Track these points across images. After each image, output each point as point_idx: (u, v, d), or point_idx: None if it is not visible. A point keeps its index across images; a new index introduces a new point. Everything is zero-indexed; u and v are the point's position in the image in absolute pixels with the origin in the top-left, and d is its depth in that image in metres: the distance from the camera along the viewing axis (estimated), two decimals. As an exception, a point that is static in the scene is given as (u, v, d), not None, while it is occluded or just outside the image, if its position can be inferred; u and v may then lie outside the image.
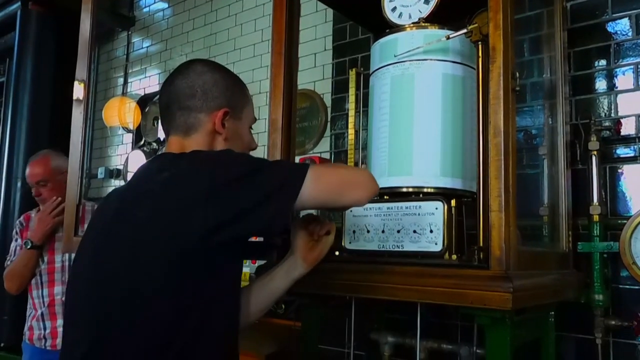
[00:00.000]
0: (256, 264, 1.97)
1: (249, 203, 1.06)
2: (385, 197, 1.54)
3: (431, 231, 1.35)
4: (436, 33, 1.50)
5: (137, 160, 3.51)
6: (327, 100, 2.75)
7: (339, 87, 2.61)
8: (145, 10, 4.09)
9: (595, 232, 1.76)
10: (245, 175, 1.08)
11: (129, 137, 3.90)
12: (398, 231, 1.41)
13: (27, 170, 2.62)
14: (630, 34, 1.88)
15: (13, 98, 3.85)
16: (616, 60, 1.89)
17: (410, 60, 1.51)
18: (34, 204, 2.75)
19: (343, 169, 1.29)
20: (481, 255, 1.25)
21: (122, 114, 3.78)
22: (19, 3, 3.94)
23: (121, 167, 3.84)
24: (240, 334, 1.26)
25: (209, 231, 1.04)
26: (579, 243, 1.78)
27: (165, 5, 3.92)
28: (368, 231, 1.47)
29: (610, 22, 1.91)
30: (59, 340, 2.50)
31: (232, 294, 1.18)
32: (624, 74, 1.88)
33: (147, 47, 4.03)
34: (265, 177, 1.10)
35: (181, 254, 1.04)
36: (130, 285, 1.07)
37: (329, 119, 2.73)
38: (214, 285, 1.10)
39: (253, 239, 1.70)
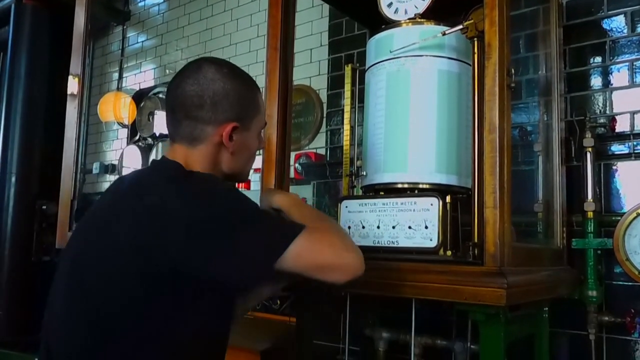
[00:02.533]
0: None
1: (225, 254, 1.03)
2: (380, 193, 1.54)
3: (426, 227, 1.36)
4: (432, 29, 1.50)
5: (132, 155, 3.50)
6: (323, 96, 2.74)
7: (335, 83, 2.61)
8: (140, 4, 4.07)
9: (589, 228, 1.77)
10: (233, 225, 1.04)
11: (124, 132, 3.89)
12: (393, 227, 1.41)
13: None
14: (625, 31, 1.88)
15: (7, 93, 3.83)
16: (611, 58, 1.90)
17: (406, 56, 1.51)
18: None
19: (330, 249, 1.09)
20: (476, 252, 1.25)
21: (117, 109, 3.77)
22: (13, -3, 3.91)
23: (116, 163, 3.83)
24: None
25: (175, 268, 1.01)
26: (573, 239, 1.78)
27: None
28: (363, 227, 1.47)
29: (606, 19, 1.92)
30: None
31: (210, 335, 1.13)
32: (618, 71, 1.88)
33: (143, 41, 4.01)
34: (250, 229, 1.06)
35: (150, 283, 1.02)
36: (101, 299, 1.06)
37: (324, 115, 2.73)
38: (184, 324, 1.07)
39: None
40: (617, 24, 1.90)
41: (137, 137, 3.53)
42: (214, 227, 1.03)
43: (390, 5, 1.61)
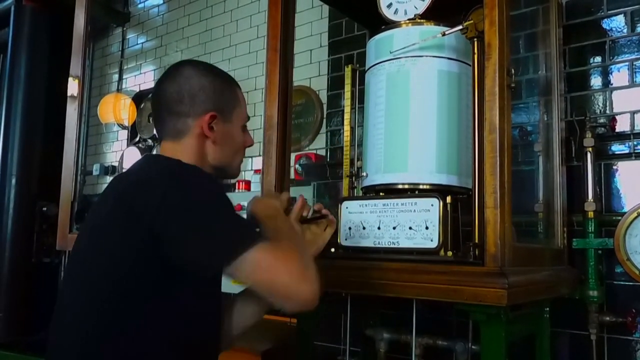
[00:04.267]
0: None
1: (186, 231, 1.05)
2: (381, 193, 1.54)
3: (427, 228, 1.35)
4: (432, 29, 1.50)
5: (132, 156, 3.50)
6: (323, 96, 2.74)
7: (335, 84, 2.61)
8: (140, 6, 4.07)
9: (589, 228, 1.77)
10: (202, 210, 1.06)
11: (124, 134, 3.89)
12: (394, 228, 1.41)
13: None
14: (625, 30, 1.88)
15: (7, 94, 3.83)
16: (611, 57, 1.90)
17: (405, 57, 1.51)
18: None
19: (288, 273, 1.04)
20: (476, 252, 1.25)
21: (117, 110, 3.77)
22: (13, -2, 3.91)
23: (116, 164, 3.83)
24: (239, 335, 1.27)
25: (145, 244, 1.04)
26: (574, 239, 1.78)
27: (160, 1, 3.90)
28: (364, 228, 1.47)
29: (605, 19, 1.92)
30: None
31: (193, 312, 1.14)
32: (618, 71, 1.88)
33: (142, 43, 4.02)
34: (215, 220, 1.07)
35: (134, 253, 1.06)
36: (94, 286, 1.09)
37: (324, 116, 2.73)
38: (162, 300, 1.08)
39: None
40: (616, 23, 1.90)
41: (137, 139, 3.53)
42: (185, 206, 1.05)
43: (390, 5, 1.62)
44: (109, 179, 3.92)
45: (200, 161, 1.24)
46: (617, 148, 1.84)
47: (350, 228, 1.49)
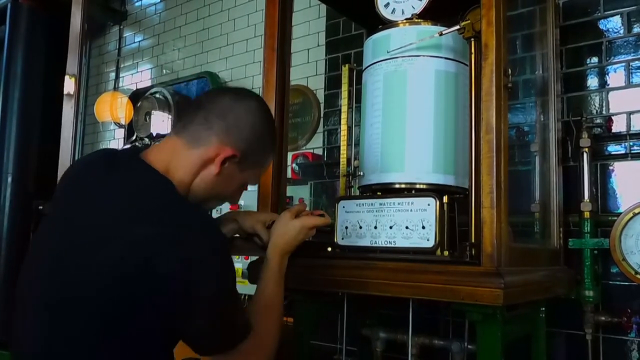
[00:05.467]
0: (248, 260, 1.96)
1: (203, 320, 1.08)
2: (377, 193, 1.54)
3: (423, 227, 1.36)
4: (429, 29, 1.50)
5: (129, 155, 3.48)
6: (320, 96, 2.74)
7: (332, 83, 2.61)
8: (137, 4, 4.06)
9: (586, 228, 1.78)
10: (216, 295, 1.08)
11: (120, 132, 3.88)
12: (390, 227, 1.41)
13: None
14: (621, 31, 1.89)
15: (3, 92, 3.82)
16: (608, 58, 1.90)
17: (403, 57, 1.51)
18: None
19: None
20: (473, 252, 1.25)
21: (113, 109, 3.76)
22: (9, -4, 3.90)
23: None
24: None
25: (155, 306, 1.03)
26: (570, 239, 1.79)
27: (158, -1, 3.90)
28: (360, 227, 1.47)
29: (602, 20, 1.92)
30: None
31: None
32: (615, 72, 1.89)
33: (139, 41, 4.01)
34: (225, 309, 1.12)
35: (128, 312, 1.03)
36: (78, 320, 1.05)
37: (321, 115, 2.73)
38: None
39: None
40: (613, 24, 1.90)
41: (133, 137, 3.52)
42: (203, 283, 1.05)
43: (387, 5, 1.61)
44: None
45: (192, 179, 1.19)
46: (614, 148, 1.84)
47: (347, 227, 1.49)
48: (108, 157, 1.21)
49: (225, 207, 1.81)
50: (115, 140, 4.00)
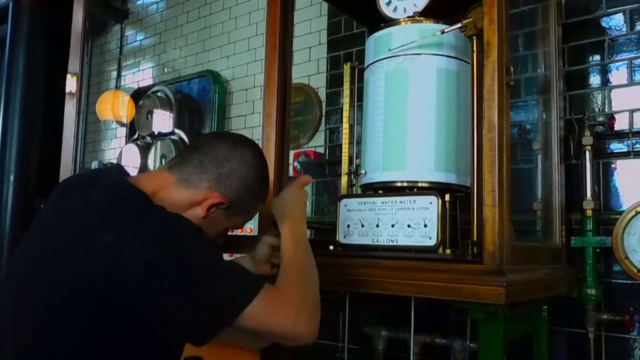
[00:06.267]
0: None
1: (176, 306, 1.01)
2: (379, 191, 1.54)
3: (425, 226, 1.36)
4: (431, 27, 1.50)
5: (130, 154, 3.49)
6: (322, 94, 2.74)
7: (334, 81, 2.61)
8: (138, 3, 4.06)
9: (588, 226, 1.77)
10: (193, 277, 1.02)
11: (122, 131, 3.89)
12: (392, 225, 1.41)
13: None
14: (624, 29, 1.88)
15: (5, 91, 3.83)
16: (610, 56, 1.90)
17: (404, 55, 1.51)
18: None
19: (284, 317, 1.08)
20: (475, 250, 1.25)
21: (115, 107, 3.76)
22: (11, -5, 3.91)
23: (115, 161, 3.82)
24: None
25: (131, 314, 1.00)
26: (572, 238, 1.78)
27: (159, -2, 3.90)
28: (362, 225, 1.47)
29: (605, 18, 1.92)
30: None
31: None
32: (617, 69, 1.88)
33: (141, 40, 4.01)
34: (210, 285, 1.03)
35: (102, 323, 1.01)
36: (48, 334, 1.03)
37: (323, 113, 2.72)
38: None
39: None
40: (616, 22, 1.90)
41: (135, 136, 3.52)
42: (172, 276, 1.01)
43: (389, 3, 1.61)
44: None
45: (175, 211, 1.16)
46: (616, 146, 1.84)
47: (348, 226, 1.49)
48: (93, 174, 1.24)
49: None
50: (117, 139, 4.00)
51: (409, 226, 1.38)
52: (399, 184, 1.50)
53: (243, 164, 1.23)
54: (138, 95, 3.61)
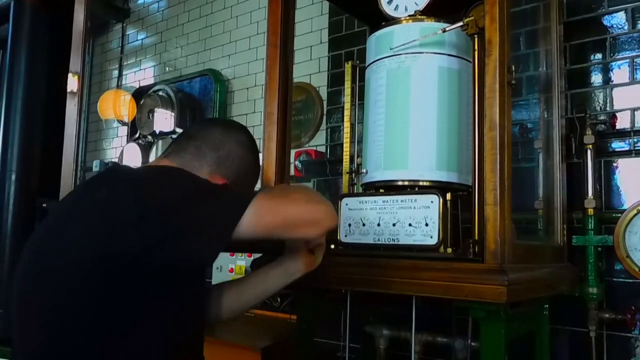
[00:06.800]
0: (251, 257, 1.96)
1: (177, 231, 1.00)
2: (380, 190, 1.54)
3: (426, 224, 1.35)
4: (432, 26, 1.50)
5: (132, 153, 3.50)
6: (323, 93, 2.74)
7: (335, 80, 2.61)
8: (140, 2, 4.06)
9: (589, 225, 1.77)
10: (181, 201, 1.02)
11: (124, 130, 3.89)
12: (394, 224, 1.41)
13: None
14: (626, 27, 1.88)
15: (7, 90, 3.82)
16: (612, 54, 1.89)
17: (406, 53, 1.51)
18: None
19: (299, 200, 1.09)
20: (476, 249, 1.25)
21: (117, 106, 3.77)
22: (13, -5, 3.90)
23: (116, 160, 3.83)
24: (230, 324, 1.27)
25: (135, 257, 0.98)
26: (574, 236, 1.78)
27: (160, -3, 3.90)
28: (364, 224, 1.47)
29: (606, 16, 1.91)
30: None
31: (172, 324, 1.10)
32: (619, 68, 1.88)
33: (142, 39, 4.01)
34: (202, 206, 1.02)
35: (106, 277, 1.00)
36: (53, 302, 1.03)
37: (324, 112, 2.72)
38: (153, 299, 1.05)
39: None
40: (617, 20, 1.89)
41: (137, 135, 3.53)
42: (165, 211, 1.00)
43: (390, 2, 1.61)
44: (108, 175, 3.91)
45: None
46: (617, 145, 1.83)
47: (350, 225, 1.49)
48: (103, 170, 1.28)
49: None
50: (119, 138, 4.01)
51: (410, 225, 1.38)
52: (400, 183, 1.49)
53: (239, 146, 1.29)
54: (139, 94, 3.62)
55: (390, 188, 1.51)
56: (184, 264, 1.06)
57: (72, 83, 2.05)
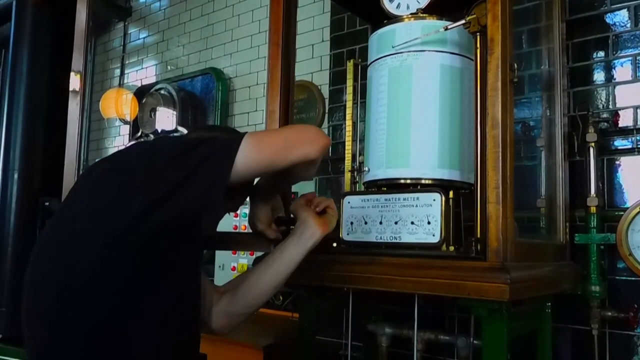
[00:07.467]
0: (254, 256, 1.97)
1: (176, 179, 1.01)
2: (383, 188, 1.54)
3: (429, 223, 1.35)
4: (434, 24, 1.50)
5: (134, 152, 3.50)
6: (325, 91, 2.74)
7: (337, 79, 2.60)
8: (141, 1, 4.06)
9: (592, 223, 1.77)
10: (178, 155, 1.04)
11: (126, 129, 3.89)
12: (396, 222, 1.41)
13: None
14: (628, 25, 1.87)
15: (9, 89, 3.82)
16: (614, 52, 1.89)
17: (408, 52, 1.51)
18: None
19: (285, 130, 1.22)
20: (478, 247, 1.25)
21: (119, 105, 3.77)
22: (15, -7, 3.91)
23: (118, 159, 3.83)
24: (251, 313, 1.28)
25: (140, 215, 0.99)
26: (576, 235, 1.78)
27: (162, -5, 3.90)
28: (366, 222, 1.47)
29: (609, 14, 1.91)
30: None
31: (181, 284, 1.14)
32: (622, 66, 1.88)
33: (144, 38, 4.01)
34: (197, 152, 1.04)
35: (115, 242, 1.00)
36: (64, 277, 1.05)
37: (326, 111, 2.72)
38: (155, 275, 1.06)
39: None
40: (620, 18, 1.89)
41: (139, 134, 3.53)
42: (165, 167, 1.02)
43: (392, 0, 1.61)
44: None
45: None
46: (620, 143, 1.83)
47: (352, 223, 1.49)
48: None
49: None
50: (121, 137, 4.01)
51: (412, 223, 1.38)
52: (402, 181, 1.49)
53: (223, 133, 1.34)
54: (141, 93, 3.62)
55: (392, 186, 1.51)
56: (191, 212, 1.08)
57: (75, 82, 2.05)
